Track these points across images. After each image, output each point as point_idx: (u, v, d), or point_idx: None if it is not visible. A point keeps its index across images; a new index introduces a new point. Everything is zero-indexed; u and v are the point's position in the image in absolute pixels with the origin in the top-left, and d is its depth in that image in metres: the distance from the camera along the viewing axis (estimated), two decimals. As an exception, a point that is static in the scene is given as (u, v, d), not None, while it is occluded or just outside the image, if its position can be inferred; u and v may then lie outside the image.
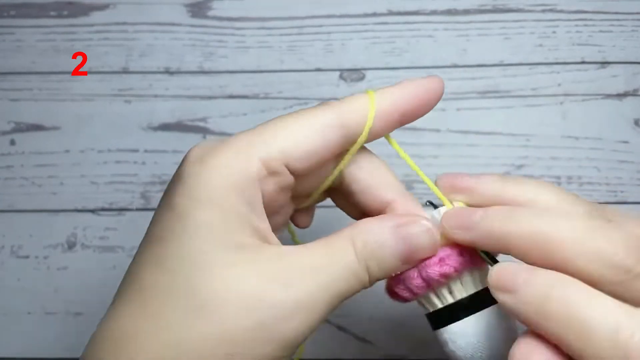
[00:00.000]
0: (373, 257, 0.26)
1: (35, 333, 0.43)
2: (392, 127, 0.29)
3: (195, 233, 0.24)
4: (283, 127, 0.26)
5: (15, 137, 0.46)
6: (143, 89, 0.46)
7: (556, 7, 0.45)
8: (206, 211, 0.25)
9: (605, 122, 0.43)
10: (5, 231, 0.44)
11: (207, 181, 0.25)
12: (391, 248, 0.26)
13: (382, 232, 0.27)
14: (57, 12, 0.47)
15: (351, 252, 0.26)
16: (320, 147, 0.27)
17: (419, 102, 0.28)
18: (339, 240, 0.26)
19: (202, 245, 0.24)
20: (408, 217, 0.27)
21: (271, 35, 0.46)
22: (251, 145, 0.26)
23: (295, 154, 0.26)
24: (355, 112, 0.27)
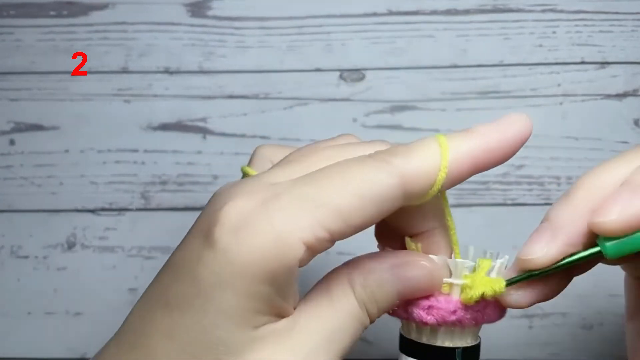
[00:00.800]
0: (372, 299, 0.25)
1: (35, 333, 0.43)
2: (465, 178, 0.26)
3: (216, 317, 0.23)
4: (333, 201, 0.23)
5: (14, 137, 0.46)
6: (142, 89, 0.46)
7: (556, 7, 0.45)
8: (231, 296, 0.23)
9: (605, 122, 0.43)
10: (4, 231, 0.44)
11: (239, 263, 0.22)
12: (390, 289, 0.25)
13: (382, 272, 0.25)
14: (57, 12, 0.47)
15: (351, 297, 0.25)
16: (374, 219, 0.24)
17: (500, 152, 0.25)
18: (338, 286, 0.25)
19: (220, 332, 0.23)
20: (407, 256, 0.26)
21: (271, 35, 0.46)
22: (294, 226, 0.23)
23: (344, 232, 0.23)
24: (423, 177, 0.24)
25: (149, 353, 0.23)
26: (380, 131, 0.44)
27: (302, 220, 0.23)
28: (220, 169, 0.44)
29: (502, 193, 0.43)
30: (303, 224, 0.23)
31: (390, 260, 0.26)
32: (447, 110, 0.44)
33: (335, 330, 0.25)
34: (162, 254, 0.44)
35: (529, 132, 0.26)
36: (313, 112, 0.45)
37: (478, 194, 0.43)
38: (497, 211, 0.43)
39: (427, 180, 0.24)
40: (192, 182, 0.44)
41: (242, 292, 0.22)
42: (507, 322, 0.41)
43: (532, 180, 0.43)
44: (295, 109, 0.45)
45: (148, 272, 0.43)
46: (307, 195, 0.23)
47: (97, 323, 0.43)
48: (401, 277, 0.26)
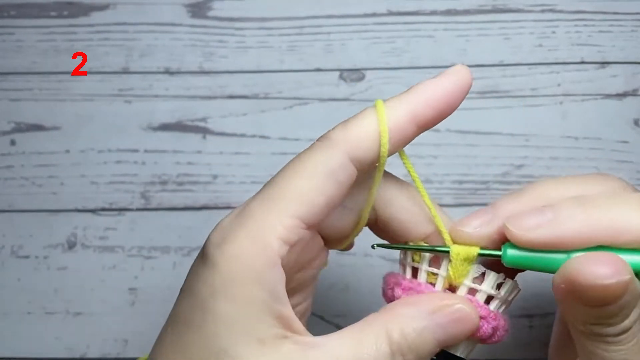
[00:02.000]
0: (412, 348, 0.25)
1: (35, 333, 0.43)
2: (411, 137, 0.26)
3: (215, 326, 0.23)
4: (292, 187, 0.24)
5: (15, 137, 0.46)
6: (143, 89, 0.46)
7: (556, 7, 0.45)
8: (225, 304, 0.24)
9: (604, 122, 0.44)
10: (5, 231, 0.45)
11: (226, 271, 0.24)
12: (430, 336, 0.25)
13: (421, 319, 0.25)
14: (58, 13, 0.47)
15: (384, 344, 0.24)
16: (336, 191, 0.25)
17: (439, 107, 0.26)
18: (372, 330, 0.25)
19: (222, 342, 0.23)
20: (444, 299, 0.26)
21: (271, 36, 0.46)
22: (266, 224, 0.24)
23: (312, 213, 0.25)
24: (363, 138, 0.25)
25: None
26: (380, 131, 0.44)
27: (269, 218, 0.24)
28: (220, 168, 0.44)
29: (502, 193, 0.43)
30: (271, 221, 0.24)
31: (428, 305, 0.25)
32: (447, 110, 0.44)
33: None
34: (162, 254, 0.44)
35: (468, 83, 0.27)
36: (313, 112, 0.45)
37: (478, 193, 0.43)
38: (497, 211, 0.43)
39: (370, 144, 0.25)
40: (192, 182, 0.44)
41: (235, 299, 0.23)
42: (507, 322, 0.41)
43: (533, 180, 0.43)
44: (295, 109, 0.45)
45: (148, 272, 0.43)
46: (268, 195, 0.25)
47: (97, 323, 0.43)
48: (441, 323, 0.25)
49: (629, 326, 0.25)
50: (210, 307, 0.24)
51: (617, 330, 0.25)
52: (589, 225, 0.24)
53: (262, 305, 0.24)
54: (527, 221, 0.25)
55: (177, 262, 0.43)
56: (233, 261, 0.24)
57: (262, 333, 0.24)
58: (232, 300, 0.24)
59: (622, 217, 0.24)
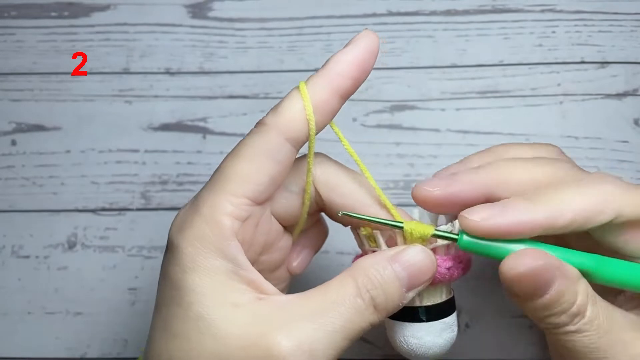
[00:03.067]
0: (379, 290, 0.26)
1: (35, 333, 0.43)
2: (337, 110, 0.28)
3: (190, 297, 0.26)
4: (236, 170, 0.27)
5: (16, 138, 0.46)
6: (144, 90, 0.46)
7: (555, 7, 0.45)
8: (195, 277, 0.26)
9: (605, 121, 0.43)
10: (6, 231, 0.45)
11: (190, 251, 0.26)
12: (394, 277, 0.27)
13: (382, 264, 0.27)
14: (58, 13, 0.47)
15: (351, 290, 0.26)
16: (277, 169, 0.27)
17: (355, 76, 0.28)
18: (338, 280, 0.27)
19: (198, 309, 0.26)
20: (398, 247, 0.28)
21: (271, 36, 0.46)
22: (216, 206, 0.27)
23: (257, 191, 0.27)
24: (293, 120, 0.27)
25: (152, 347, 0.27)
26: (380, 131, 0.44)
27: (218, 200, 0.27)
28: (220, 168, 0.44)
29: (502, 192, 0.43)
30: (221, 201, 0.27)
31: (387, 253, 0.28)
32: (446, 109, 0.44)
33: (332, 322, 0.25)
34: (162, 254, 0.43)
35: (376, 46, 0.28)
36: (313, 112, 0.45)
37: (478, 193, 0.43)
38: (497, 211, 0.43)
39: (300, 125, 0.27)
40: (192, 181, 0.44)
41: (203, 272, 0.26)
42: (508, 322, 0.41)
43: (532, 180, 0.43)
44: (295, 109, 0.45)
45: (148, 272, 0.43)
46: (216, 181, 0.27)
47: (98, 323, 0.43)
48: (402, 263, 0.27)
49: (580, 311, 0.26)
50: (183, 284, 0.26)
51: (570, 319, 0.26)
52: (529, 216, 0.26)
53: (229, 273, 0.26)
54: (479, 212, 0.27)
55: (177, 262, 0.43)
56: (194, 242, 0.26)
57: (234, 298, 0.26)
58: (200, 273, 0.26)
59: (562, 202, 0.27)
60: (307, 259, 0.33)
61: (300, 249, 0.33)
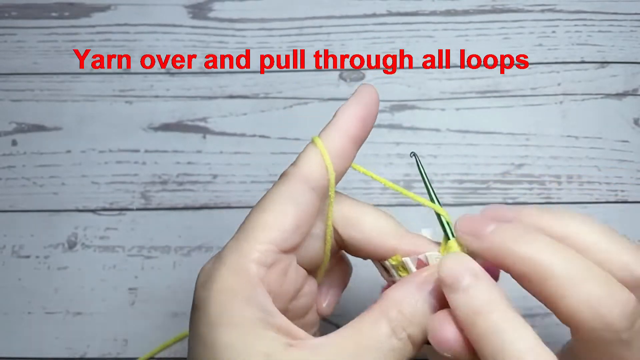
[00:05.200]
0: (412, 321, 0.26)
1: (35, 333, 0.43)
2: (353, 155, 0.29)
3: (222, 353, 0.25)
4: (262, 219, 0.27)
5: (17, 138, 0.46)
6: (144, 90, 0.46)
7: (555, 7, 0.45)
8: (224, 332, 0.25)
9: (604, 121, 0.43)
10: (6, 231, 0.45)
11: (217, 304, 0.26)
12: (426, 305, 0.26)
13: (412, 294, 0.26)
14: (59, 13, 0.47)
15: (383, 327, 0.25)
16: (302, 218, 0.27)
17: (367, 122, 0.29)
18: (368, 317, 0.26)
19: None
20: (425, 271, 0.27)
21: (271, 36, 0.46)
22: (242, 254, 0.26)
23: (282, 237, 0.27)
24: (314, 166, 0.28)
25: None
26: (380, 131, 0.44)
27: (244, 248, 0.27)
28: (219, 168, 0.45)
29: (502, 192, 0.43)
30: (246, 250, 0.26)
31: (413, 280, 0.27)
32: (446, 109, 0.44)
33: (362, 357, 0.25)
34: (162, 254, 0.44)
35: (377, 96, 0.29)
36: (313, 112, 0.45)
37: (478, 193, 0.43)
38: (497, 210, 0.43)
39: (320, 170, 0.28)
40: (192, 181, 0.44)
41: (231, 325, 0.25)
42: (508, 322, 0.41)
43: (533, 179, 0.43)
44: (295, 109, 0.45)
45: (148, 272, 0.43)
46: (241, 232, 0.27)
47: (97, 323, 0.43)
48: (430, 291, 0.26)
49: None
50: (211, 340, 0.25)
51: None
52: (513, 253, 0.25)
53: (258, 322, 0.25)
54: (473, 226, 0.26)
55: (177, 262, 0.43)
56: (221, 294, 0.26)
57: (266, 347, 0.25)
58: (229, 326, 0.25)
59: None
60: (336, 298, 0.33)
61: (327, 289, 0.32)
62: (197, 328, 0.26)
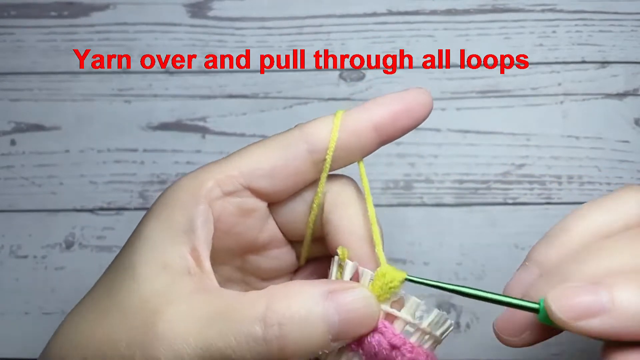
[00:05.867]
0: (296, 326, 0.22)
1: (32, 333, 0.43)
2: (371, 144, 0.27)
3: (136, 245, 0.25)
4: (245, 150, 0.27)
5: (15, 137, 0.46)
6: (143, 89, 0.46)
7: (556, 7, 0.45)
8: (150, 223, 0.26)
9: (605, 121, 0.43)
10: (5, 231, 0.44)
11: (162, 199, 0.26)
12: (321, 318, 0.22)
13: (312, 297, 0.23)
14: (58, 13, 0.47)
15: (258, 308, 0.22)
16: (281, 164, 0.26)
17: (399, 117, 0.27)
18: (256, 292, 0.23)
19: (134, 258, 0.25)
20: (343, 283, 0.24)
21: (271, 35, 0.46)
22: (209, 169, 0.26)
23: (256, 173, 0.26)
24: (318, 127, 0.26)
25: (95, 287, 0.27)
26: (380, 130, 0.44)
27: (214, 166, 0.26)
28: (219, 168, 0.44)
29: (502, 192, 0.43)
30: (215, 168, 0.26)
31: (324, 286, 0.23)
32: (447, 109, 0.44)
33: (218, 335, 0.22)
34: (160, 253, 0.43)
35: (429, 103, 0.27)
36: (313, 112, 0.45)
37: (479, 193, 0.43)
38: (497, 210, 0.43)
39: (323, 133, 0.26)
40: (191, 181, 0.44)
41: (158, 220, 0.25)
42: (509, 323, 0.41)
43: (533, 180, 0.43)
44: (295, 109, 0.45)
45: (146, 272, 0.43)
46: (230, 155, 0.27)
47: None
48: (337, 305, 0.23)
49: None
50: (140, 228, 0.26)
51: None
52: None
53: (180, 231, 0.25)
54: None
55: (175, 262, 0.43)
56: (172, 192, 0.26)
57: (168, 257, 0.25)
58: (155, 221, 0.25)
59: None
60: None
61: (309, 275, 0.30)
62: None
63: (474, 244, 0.42)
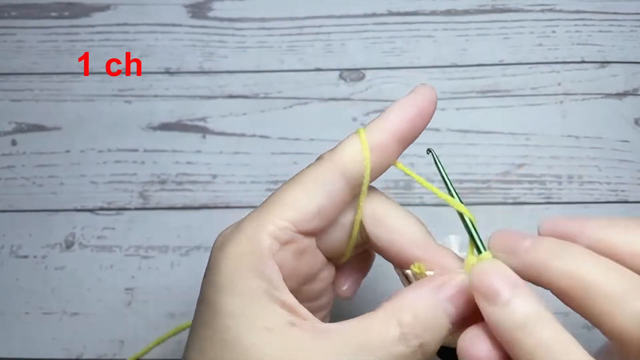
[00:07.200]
0: (428, 328, 0.24)
1: (32, 333, 0.43)
2: (396, 154, 0.28)
3: (224, 320, 0.25)
4: (286, 196, 0.27)
5: (16, 138, 0.46)
6: (143, 89, 0.46)
7: (555, 7, 0.45)
8: (229, 298, 0.25)
9: (605, 121, 0.43)
10: (5, 231, 0.44)
11: (228, 269, 0.26)
12: (441, 312, 0.24)
13: (428, 297, 0.25)
14: (58, 13, 0.47)
15: (393, 330, 0.24)
16: (326, 202, 0.27)
17: (416, 121, 0.27)
18: (381, 316, 0.24)
19: (232, 333, 0.24)
20: (443, 277, 0.26)
21: (271, 36, 0.46)
22: (259, 225, 0.26)
23: (302, 217, 0.26)
24: (350, 155, 0.27)
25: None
26: (379, 130, 0.44)
27: (263, 220, 0.26)
28: (219, 168, 0.44)
29: (503, 192, 0.43)
30: (264, 222, 0.26)
31: (430, 284, 0.25)
32: (447, 109, 0.44)
33: (364, 353, 0.24)
34: (159, 253, 0.43)
35: (435, 97, 0.28)
36: (313, 112, 0.45)
37: (479, 192, 0.43)
38: (498, 210, 0.43)
39: (356, 160, 0.27)
40: (191, 181, 0.44)
41: (237, 292, 0.25)
42: (509, 322, 0.41)
43: (533, 179, 0.43)
44: (295, 109, 0.45)
45: (145, 272, 0.43)
46: (264, 204, 0.27)
47: (94, 323, 0.43)
48: (448, 297, 0.25)
49: None
50: (217, 304, 0.25)
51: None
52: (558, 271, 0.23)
53: (264, 294, 0.25)
54: (508, 242, 0.25)
55: (174, 262, 0.43)
56: (233, 259, 0.26)
57: (268, 321, 0.24)
58: (235, 294, 0.25)
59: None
60: (357, 283, 0.32)
61: (349, 272, 0.31)
62: (206, 290, 0.26)
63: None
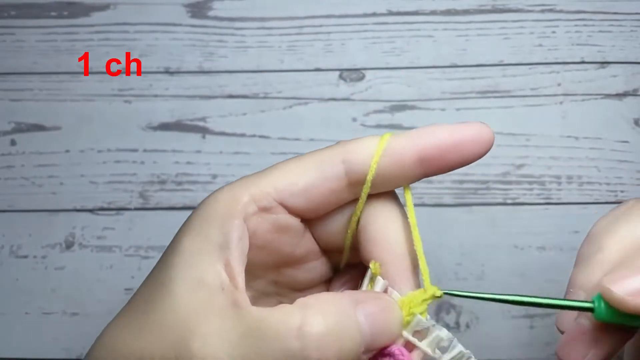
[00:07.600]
0: (334, 339, 0.22)
1: (32, 333, 0.43)
2: (413, 173, 0.25)
3: (171, 260, 0.25)
4: (282, 166, 0.26)
5: (15, 137, 0.46)
6: (143, 89, 0.46)
7: (555, 7, 0.45)
8: (185, 238, 0.25)
9: (605, 121, 0.43)
10: (5, 231, 0.44)
11: (198, 212, 0.26)
12: (356, 328, 0.23)
13: (346, 304, 0.23)
14: (58, 13, 0.47)
15: (294, 326, 0.22)
16: (317, 182, 0.26)
17: (447, 152, 0.25)
18: (286, 310, 0.23)
19: (170, 273, 0.24)
20: (369, 293, 0.25)
21: (271, 35, 0.46)
22: (243, 185, 0.26)
23: (290, 190, 0.25)
24: (360, 149, 0.26)
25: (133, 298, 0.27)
26: (380, 131, 0.44)
27: (251, 182, 0.26)
28: (219, 168, 0.44)
29: (502, 192, 0.43)
30: (251, 183, 0.26)
31: (351, 296, 0.24)
32: (447, 109, 0.44)
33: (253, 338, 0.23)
34: (159, 254, 0.43)
35: (487, 140, 0.25)
36: (313, 112, 0.45)
37: (478, 193, 0.43)
38: (497, 210, 0.43)
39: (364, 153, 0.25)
40: (191, 181, 0.44)
41: (194, 235, 0.25)
42: (508, 322, 0.41)
43: (533, 180, 0.43)
44: (295, 109, 0.45)
45: (145, 272, 0.43)
46: (263, 171, 0.26)
47: (94, 324, 0.43)
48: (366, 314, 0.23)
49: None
50: (176, 241, 0.25)
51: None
52: None
53: (214, 244, 0.25)
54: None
55: (175, 262, 0.43)
56: (207, 206, 0.26)
57: (204, 273, 0.24)
58: (191, 235, 0.25)
59: None
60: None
61: (347, 280, 0.30)
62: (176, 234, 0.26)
63: (473, 244, 0.42)
